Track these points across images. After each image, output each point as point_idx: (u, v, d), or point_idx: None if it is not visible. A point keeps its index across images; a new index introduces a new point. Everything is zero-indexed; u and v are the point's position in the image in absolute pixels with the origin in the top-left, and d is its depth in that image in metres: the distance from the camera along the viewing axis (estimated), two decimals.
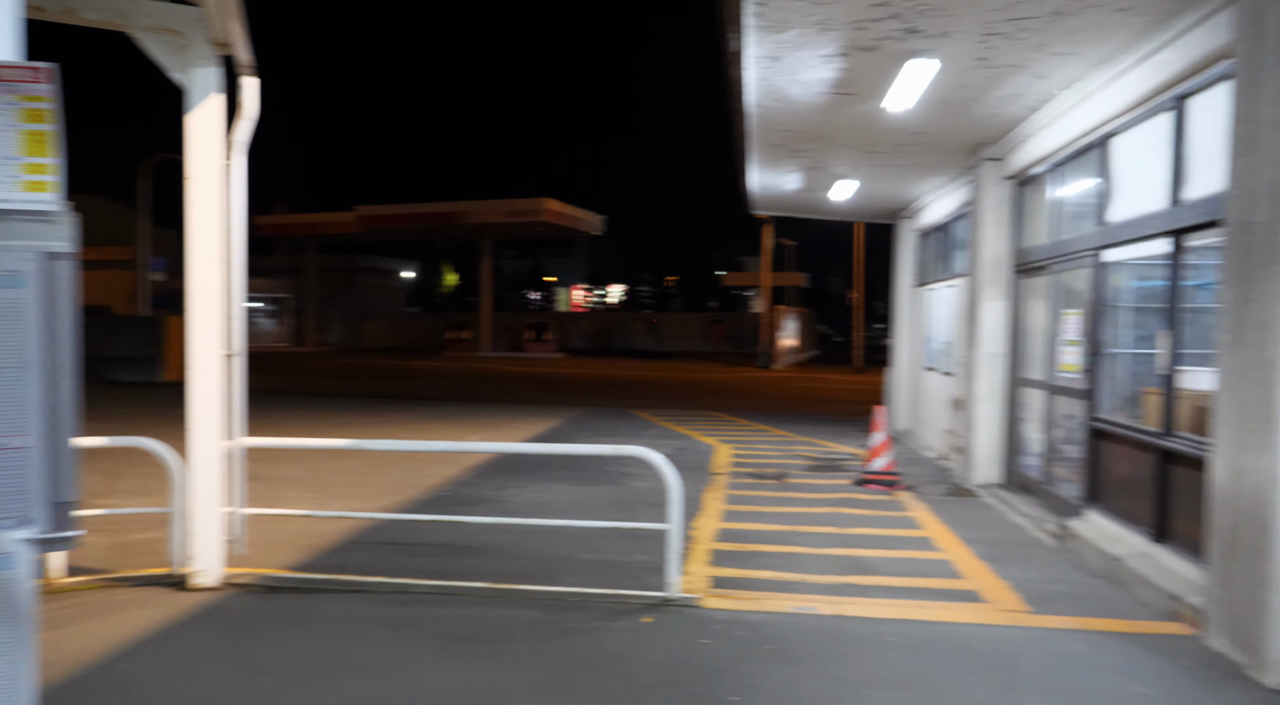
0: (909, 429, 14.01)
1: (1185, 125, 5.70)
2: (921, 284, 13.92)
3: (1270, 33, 4.18)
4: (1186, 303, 5.80)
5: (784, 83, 7.10)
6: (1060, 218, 8.12)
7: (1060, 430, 7.98)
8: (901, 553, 6.50)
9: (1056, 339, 7.99)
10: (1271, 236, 4.15)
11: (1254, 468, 4.26)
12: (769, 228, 36.51)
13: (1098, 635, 4.79)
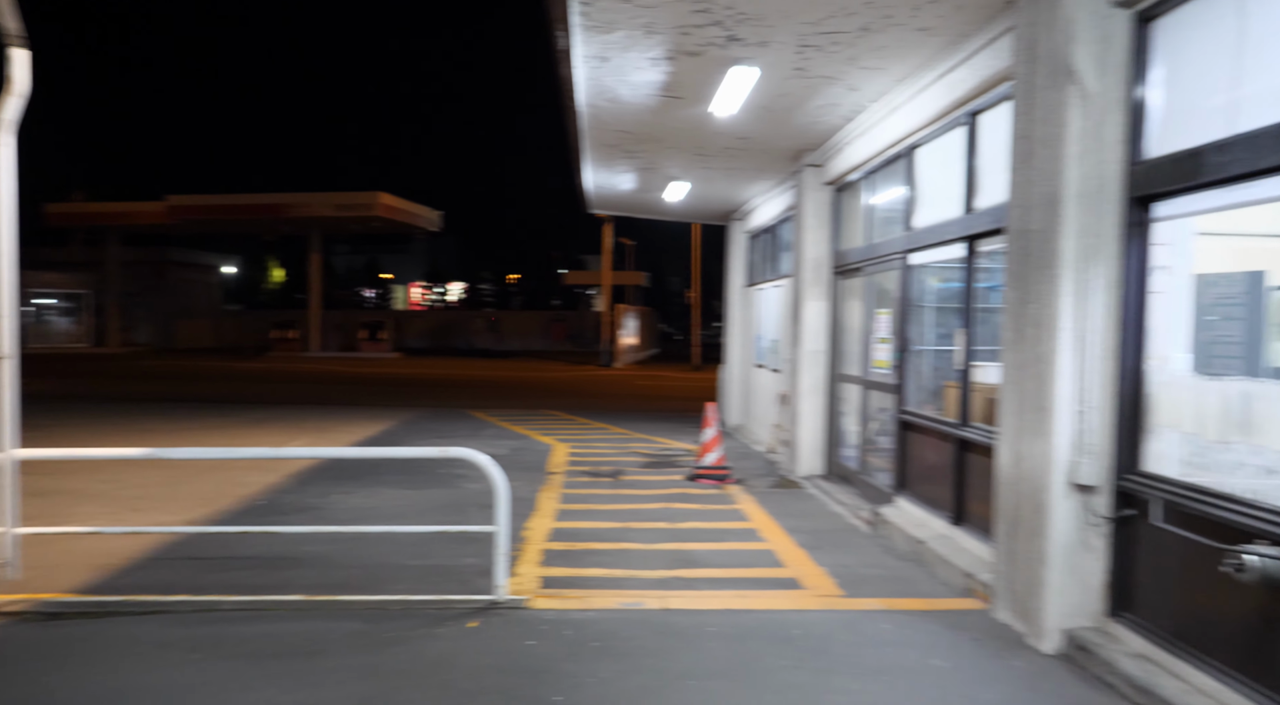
0: (741, 424, 14.51)
1: (977, 140, 6.20)
2: (752, 284, 14.45)
3: (1041, 57, 4.61)
4: (979, 303, 6.31)
5: (614, 83, 7.16)
6: (873, 222, 8.63)
7: (875, 423, 8.50)
8: (728, 544, 6.70)
9: (871, 337, 8.50)
10: (1046, 243, 4.58)
11: (1031, 453, 4.68)
12: (609, 227, 36.83)
13: (902, 614, 5.12)
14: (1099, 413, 4.44)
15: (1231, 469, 3.80)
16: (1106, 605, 4.48)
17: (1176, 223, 4.38)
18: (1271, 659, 3.44)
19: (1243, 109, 3.70)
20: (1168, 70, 4.23)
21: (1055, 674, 4.27)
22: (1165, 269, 4.43)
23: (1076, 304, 4.45)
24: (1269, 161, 3.45)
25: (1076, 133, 4.40)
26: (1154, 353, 4.38)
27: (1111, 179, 4.40)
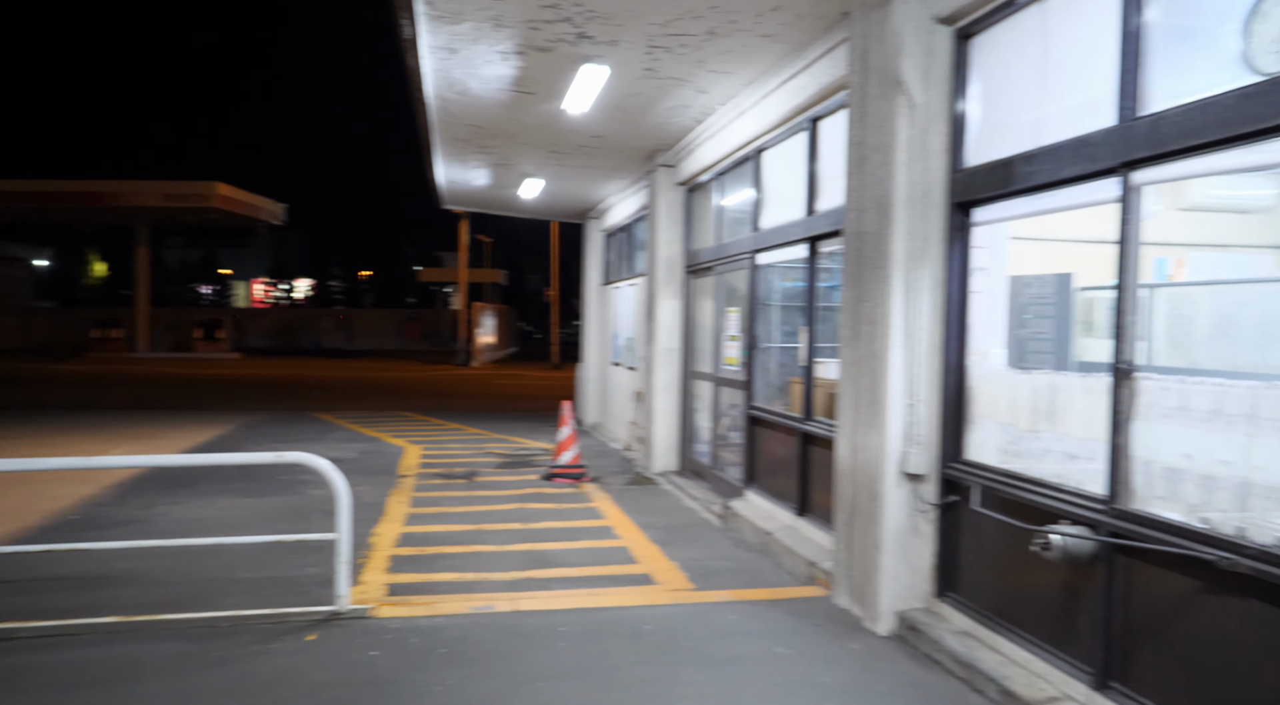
0: (599, 422, 14.56)
1: (818, 145, 6.45)
2: (608, 282, 14.52)
3: (873, 68, 4.84)
4: (821, 301, 6.57)
5: (463, 76, 7.00)
6: (724, 223, 8.84)
7: (726, 419, 8.71)
8: (583, 543, 6.69)
9: (722, 334, 8.70)
10: (879, 245, 4.81)
11: (867, 445, 4.91)
12: (465, 223, 36.14)
13: (749, 605, 5.26)
14: (926, 406, 4.71)
15: (1040, 455, 4.12)
16: (934, 587, 4.76)
17: (993, 227, 4.70)
18: (1073, 628, 3.75)
19: (1046, 124, 4.02)
20: (984, 85, 4.54)
21: (889, 654, 4.49)
22: (984, 270, 4.75)
23: (906, 303, 4.70)
24: (1068, 172, 3.75)
25: (905, 141, 4.65)
26: (975, 349, 4.68)
27: (936, 185, 4.67)
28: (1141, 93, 3.42)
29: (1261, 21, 2.97)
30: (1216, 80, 3.08)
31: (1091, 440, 3.77)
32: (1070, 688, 3.69)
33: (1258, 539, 2.89)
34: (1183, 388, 3.25)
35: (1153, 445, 3.37)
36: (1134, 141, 3.39)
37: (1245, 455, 3.00)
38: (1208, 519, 3.12)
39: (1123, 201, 3.48)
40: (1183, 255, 8.47)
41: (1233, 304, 6.01)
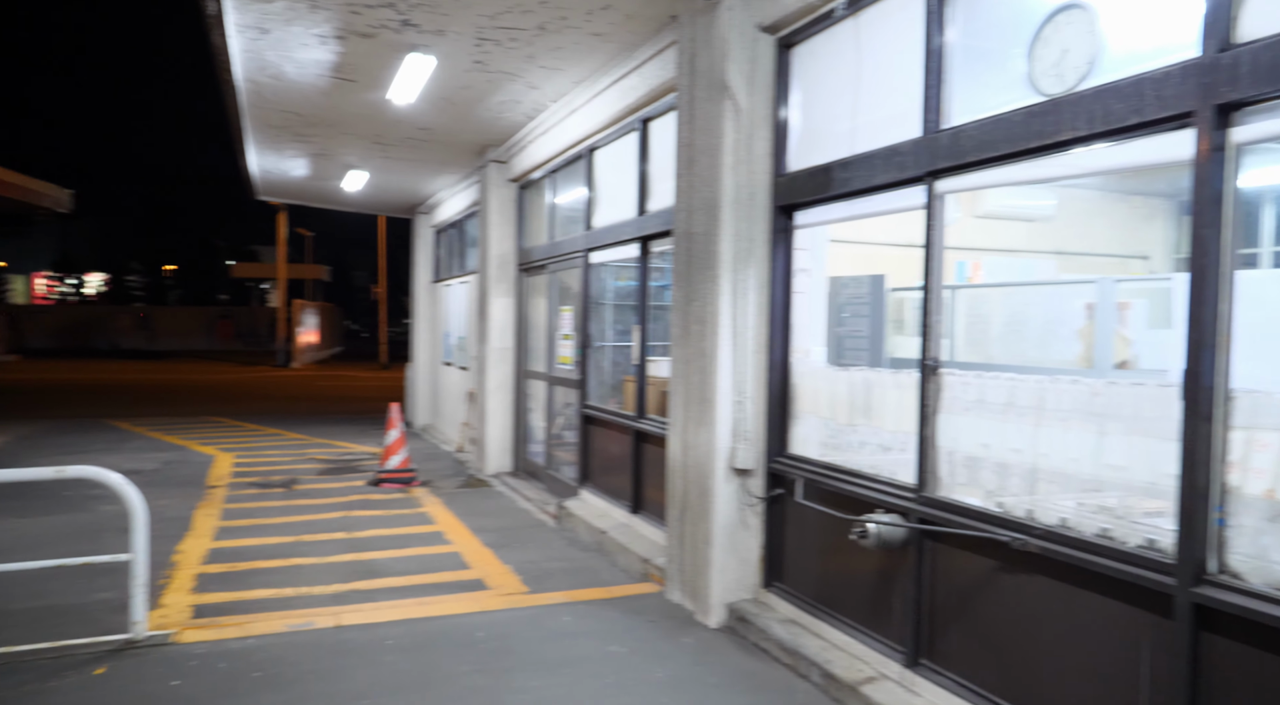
0: (430, 424, 14.13)
1: (649, 145, 6.52)
2: (439, 280, 14.12)
3: (701, 72, 4.93)
4: (653, 301, 6.65)
5: (277, 59, 6.56)
6: (557, 220, 8.79)
7: (561, 418, 8.66)
8: (412, 550, 6.44)
9: (556, 333, 8.65)
10: (707, 245, 4.91)
11: (698, 442, 5.00)
12: (284, 215, 34.12)
13: (584, 605, 5.24)
14: (753, 402, 4.86)
15: (858, 448, 4.34)
16: (762, 577, 4.92)
17: (814, 230, 4.90)
18: (888, 611, 3.97)
19: (861, 133, 4.23)
20: (805, 93, 4.73)
21: (720, 646, 4.60)
22: (806, 272, 4.95)
23: (734, 302, 4.82)
24: (881, 179, 3.97)
25: (731, 144, 4.77)
26: (798, 347, 4.87)
27: (761, 188, 4.82)
28: (944, 107, 3.66)
29: (1043, 47, 3.24)
30: (1008, 98, 3.34)
31: (903, 433, 4.00)
32: (885, 667, 3.90)
33: (1044, 520, 3.16)
34: (980, 382, 3.50)
35: (955, 436, 3.62)
36: (937, 152, 3.62)
37: (1033, 443, 3.27)
38: (1003, 503, 3.38)
39: (928, 208, 3.71)
40: (979, 259, 9.23)
41: (1022, 304, 6.58)
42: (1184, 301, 2.62)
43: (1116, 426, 2.96)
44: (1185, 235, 10.65)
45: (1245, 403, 2.54)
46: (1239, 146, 2.53)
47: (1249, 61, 2.43)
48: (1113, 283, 5.94)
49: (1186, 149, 2.62)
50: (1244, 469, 2.53)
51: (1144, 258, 10.73)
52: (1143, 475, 2.87)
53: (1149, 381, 2.89)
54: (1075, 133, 2.98)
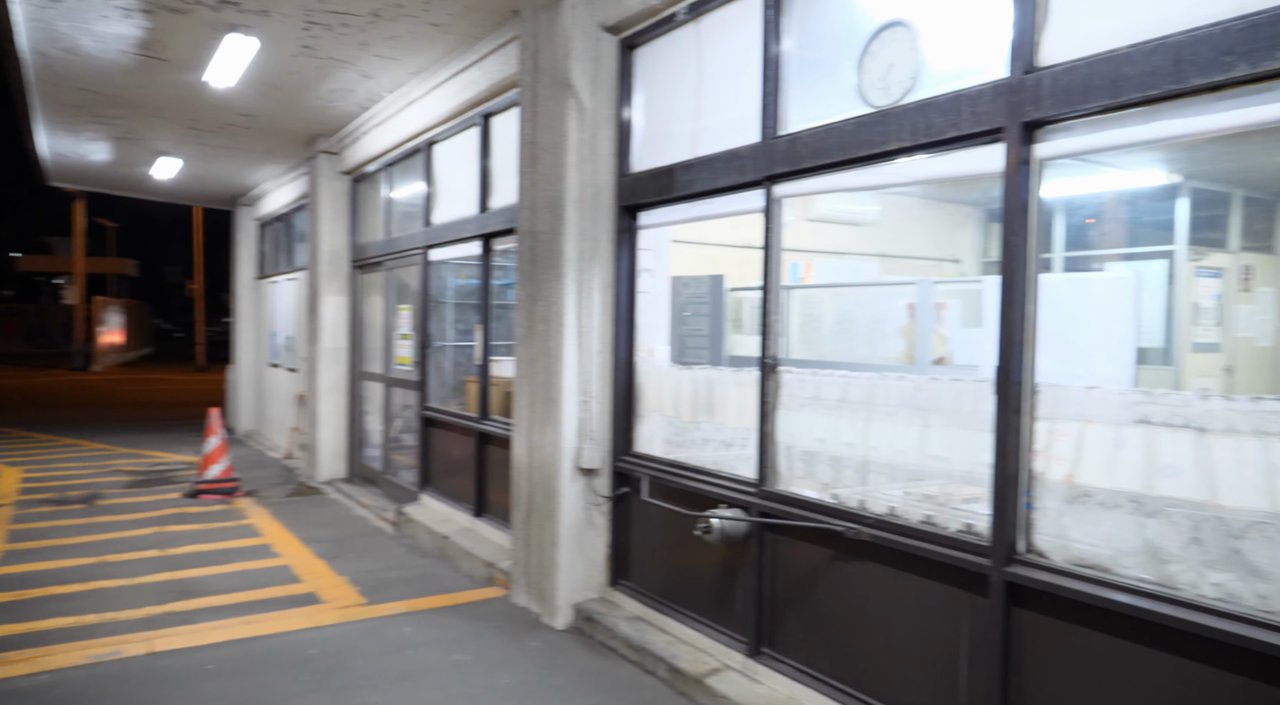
0: (255, 430, 13.29)
1: (490, 141, 6.39)
2: (264, 276, 13.30)
3: (544, 69, 4.89)
4: (496, 299, 6.53)
5: (71, 30, 5.94)
6: (394, 216, 8.47)
7: (399, 421, 8.36)
8: (236, 566, 6.02)
9: (393, 333, 8.33)
10: (552, 244, 4.86)
11: (543, 442, 4.95)
12: (81, 203, 31.04)
13: (426, 614, 5.07)
14: (599, 402, 4.86)
15: (701, 445, 4.43)
16: (609, 576, 4.93)
17: (658, 230, 4.96)
18: (731, 604, 4.08)
19: (703, 136, 4.32)
20: (648, 95, 4.77)
21: (568, 647, 4.57)
22: (650, 272, 5.00)
23: (579, 302, 4.80)
24: (722, 182, 4.06)
25: (575, 143, 4.75)
26: (643, 346, 4.92)
27: (605, 188, 4.83)
28: (782, 114, 3.80)
29: (871, 60, 3.42)
30: (840, 108, 3.50)
31: (744, 429, 4.12)
32: (729, 658, 4.01)
33: (875, 509, 3.34)
34: (816, 379, 3.66)
35: (794, 431, 3.76)
36: (775, 157, 3.75)
37: (865, 437, 3.44)
38: (837, 495, 3.54)
39: (767, 211, 3.83)
40: (811, 261, 9.68)
41: (850, 304, 6.95)
42: (995, 303, 2.84)
43: (938, 420, 3.16)
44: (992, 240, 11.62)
45: (1048, 396, 2.77)
46: (1042, 161, 2.76)
47: (1050, 84, 2.66)
48: (930, 284, 6.37)
49: (997, 162, 2.83)
50: (1047, 456, 2.77)
51: (956, 261, 11.61)
52: (962, 464, 3.08)
53: (966, 377, 3.11)
54: (901, 143, 3.16)
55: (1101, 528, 2.62)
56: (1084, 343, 4.76)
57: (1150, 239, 9.05)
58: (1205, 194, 8.89)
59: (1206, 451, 2.38)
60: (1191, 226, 8.61)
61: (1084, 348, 4.77)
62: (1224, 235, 9.15)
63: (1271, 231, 9.97)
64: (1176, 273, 8.50)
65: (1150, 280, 8.53)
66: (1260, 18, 2.17)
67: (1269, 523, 2.25)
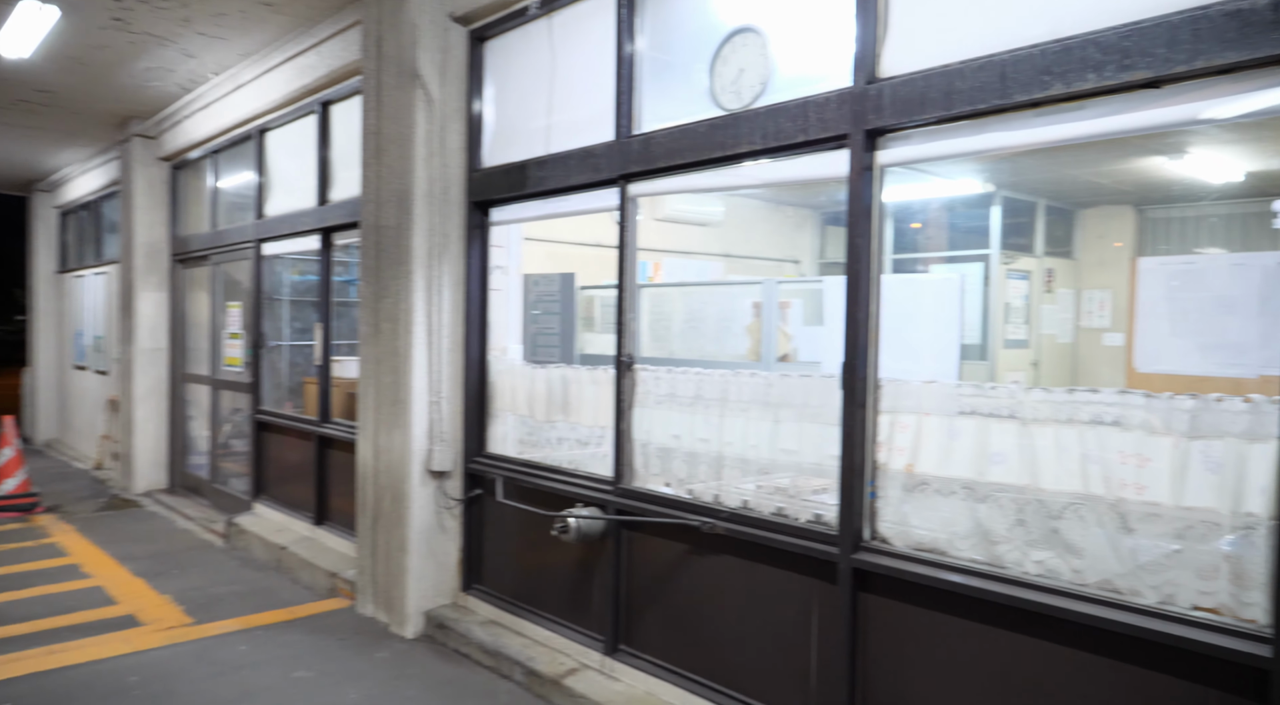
0: (57, 438, 12.09)
1: (330, 130, 6.08)
2: (67, 270, 12.09)
3: (389, 57, 4.69)
4: (338, 297, 6.22)
5: None
6: (221, 207, 7.90)
7: (229, 426, 7.81)
8: (38, 590, 5.43)
9: (222, 333, 7.78)
10: (399, 240, 4.68)
11: (391, 445, 4.76)
12: None
13: (262, 630, 4.76)
14: (450, 402, 4.73)
15: (556, 444, 4.39)
16: (462, 581, 4.81)
17: (510, 227, 4.88)
18: (588, 603, 4.07)
19: (557, 132, 4.27)
20: (500, 89, 4.68)
21: (419, 657, 4.41)
22: (502, 269, 4.91)
23: (428, 299, 4.65)
24: (575, 180, 4.04)
25: (423, 135, 4.59)
26: (495, 344, 4.82)
27: (456, 182, 4.70)
28: (636, 114, 3.81)
29: (722, 64, 3.49)
30: (694, 110, 3.56)
31: (600, 427, 4.12)
32: (587, 657, 3.99)
33: (729, 503, 3.41)
34: (672, 377, 3.70)
35: (649, 429, 3.79)
36: (630, 156, 3.76)
37: (719, 433, 3.52)
38: (693, 490, 3.60)
39: (621, 209, 3.84)
40: (660, 260, 9.82)
41: (699, 303, 7.10)
42: (839, 302, 2.96)
43: (789, 415, 3.27)
44: (829, 242, 12.20)
45: (890, 390, 2.93)
46: (883, 167, 2.90)
47: (890, 94, 2.80)
48: (775, 284, 6.61)
49: (843, 167, 2.96)
50: (889, 447, 2.92)
51: (796, 262, 12.11)
52: (811, 457, 3.20)
53: (815, 374, 3.24)
54: (752, 146, 3.25)
55: (939, 513, 2.79)
56: (917, 340, 5.08)
57: (968, 244, 9.79)
58: (1015, 203, 9.71)
59: (1029, 440, 2.59)
60: (1003, 233, 9.37)
61: (917, 344, 5.09)
62: (1030, 241, 10.04)
63: (1070, 238, 11.02)
64: (991, 275, 9.23)
65: (969, 282, 9.23)
66: (1072, 42, 2.38)
67: (1082, 503, 2.47)
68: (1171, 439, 2.31)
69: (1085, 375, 10.52)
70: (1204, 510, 2.24)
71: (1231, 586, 2.19)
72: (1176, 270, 5.67)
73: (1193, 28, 2.15)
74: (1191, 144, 7.65)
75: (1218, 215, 10.06)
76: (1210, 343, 5.48)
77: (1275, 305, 5.24)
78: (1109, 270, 10.73)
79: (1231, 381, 5.42)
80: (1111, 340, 10.68)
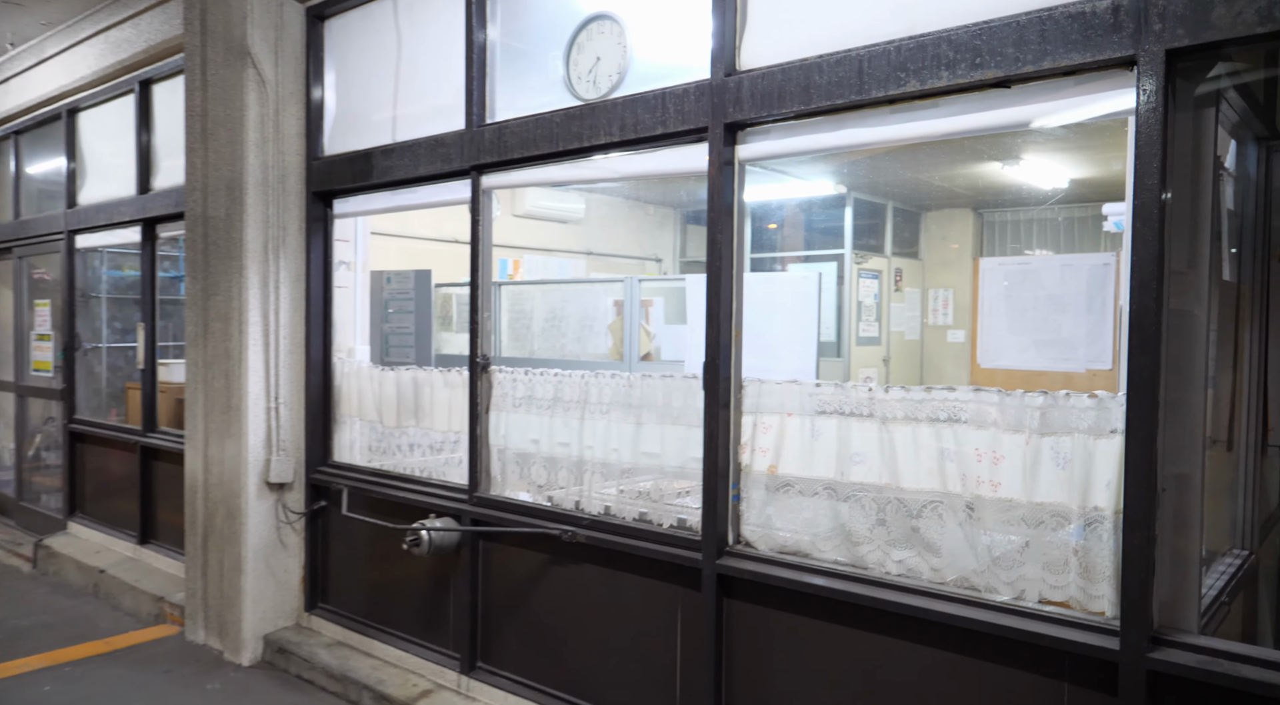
0: None
1: (152, 112, 5.54)
2: None
3: (215, 33, 4.28)
4: (164, 294, 5.68)
5: None
6: (25, 194, 7.09)
7: (40, 436, 7.02)
8: None
9: (27, 333, 6.98)
10: (230, 232, 4.28)
11: (223, 456, 4.35)
12: None
13: (74, 666, 4.25)
14: (290, 408, 4.37)
15: (408, 451, 4.13)
16: (305, 601, 4.46)
17: (356, 221, 4.57)
18: (444, 619, 3.84)
19: (405, 120, 4.01)
20: (342, 72, 4.35)
21: (256, 686, 4.05)
22: (346, 264, 4.59)
23: (264, 297, 4.28)
24: (425, 170, 3.79)
25: (255, 119, 4.21)
26: (340, 345, 4.50)
27: (293, 171, 4.34)
28: (489, 102, 3.61)
29: (578, 52, 3.35)
30: (548, 100, 3.39)
31: (454, 432, 3.89)
32: (442, 677, 3.76)
33: (591, 510, 3.28)
34: (529, 379, 3.53)
35: (506, 433, 3.60)
36: (482, 146, 3.56)
37: (580, 436, 3.37)
38: (553, 497, 3.44)
39: (474, 202, 3.63)
40: (520, 257, 9.57)
41: (560, 301, 6.93)
42: (699, 301, 2.88)
43: (651, 416, 3.16)
44: (689, 240, 12.25)
45: (752, 390, 2.87)
46: (743, 162, 2.84)
47: (750, 87, 2.73)
48: (637, 282, 6.53)
49: (703, 161, 2.87)
50: (752, 448, 2.86)
51: (657, 260, 12.13)
52: (674, 460, 3.11)
53: (676, 374, 3.14)
54: (610, 138, 3.12)
55: (802, 515, 2.75)
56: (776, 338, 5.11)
57: (823, 243, 10.07)
58: (866, 204, 10.07)
59: (889, 438, 2.57)
60: (855, 233, 9.69)
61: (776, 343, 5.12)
62: (881, 241, 10.43)
63: (916, 239, 11.55)
64: (845, 274, 9.52)
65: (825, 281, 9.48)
66: (927, 39, 2.37)
67: (940, 501, 2.47)
68: (1024, 435, 2.34)
69: (932, 371, 11.06)
70: (1054, 505, 2.28)
71: (1080, 580, 2.24)
72: (1013, 270, 5.96)
73: (1040, 28, 2.18)
74: (1025, 150, 8.14)
75: (1047, 219, 10.79)
76: (1044, 339, 5.79)
77: (1101, 303, 5.60)
78: (951, 270, 11.32)
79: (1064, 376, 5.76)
80: (955, 337, 11.28)
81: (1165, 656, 2.02)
